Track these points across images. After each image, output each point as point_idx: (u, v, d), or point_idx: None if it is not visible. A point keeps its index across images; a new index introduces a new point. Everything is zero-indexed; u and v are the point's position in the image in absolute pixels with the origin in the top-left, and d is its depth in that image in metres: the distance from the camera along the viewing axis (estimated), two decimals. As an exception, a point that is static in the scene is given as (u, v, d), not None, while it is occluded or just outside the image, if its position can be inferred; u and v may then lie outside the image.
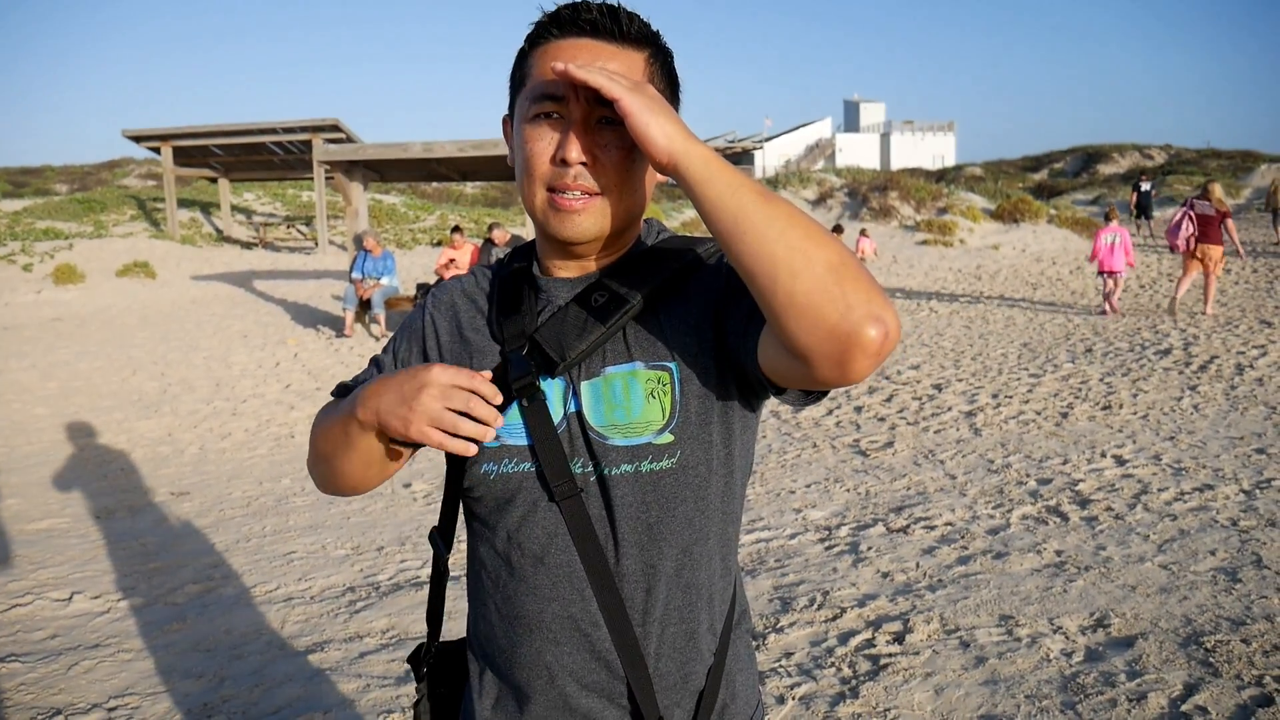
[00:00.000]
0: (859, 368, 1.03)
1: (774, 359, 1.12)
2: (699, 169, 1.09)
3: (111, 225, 23.17)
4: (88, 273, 17.62)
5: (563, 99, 1.21)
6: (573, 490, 1.24)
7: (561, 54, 1.21)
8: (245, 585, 4.95)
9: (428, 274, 17.22)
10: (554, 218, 1.24)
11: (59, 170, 45.21)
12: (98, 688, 3.79)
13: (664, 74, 1.29)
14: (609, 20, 1.23)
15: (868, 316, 1.00)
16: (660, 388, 1.25)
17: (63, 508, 6.44)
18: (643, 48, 1.26)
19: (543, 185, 1.24)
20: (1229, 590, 4.09)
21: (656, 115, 1.10)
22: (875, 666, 3.59)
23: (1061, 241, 21.83)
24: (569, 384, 1.27)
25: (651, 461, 1.24)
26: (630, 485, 1.24)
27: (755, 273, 1.04)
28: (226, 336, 12.72)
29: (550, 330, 1.27)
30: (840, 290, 1.01)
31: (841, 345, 1.01)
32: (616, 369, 1.26)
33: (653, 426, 1.24)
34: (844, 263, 1.03)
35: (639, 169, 1.26)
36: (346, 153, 13.98)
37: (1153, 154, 49.53)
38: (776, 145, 60.34)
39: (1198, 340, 10.54)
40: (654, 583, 1.25)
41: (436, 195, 37.36)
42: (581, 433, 1.25)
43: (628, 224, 1.30)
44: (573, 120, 1.21)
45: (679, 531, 1.26)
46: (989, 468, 6.38)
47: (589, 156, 1.21)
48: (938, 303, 15.13)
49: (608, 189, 1.23)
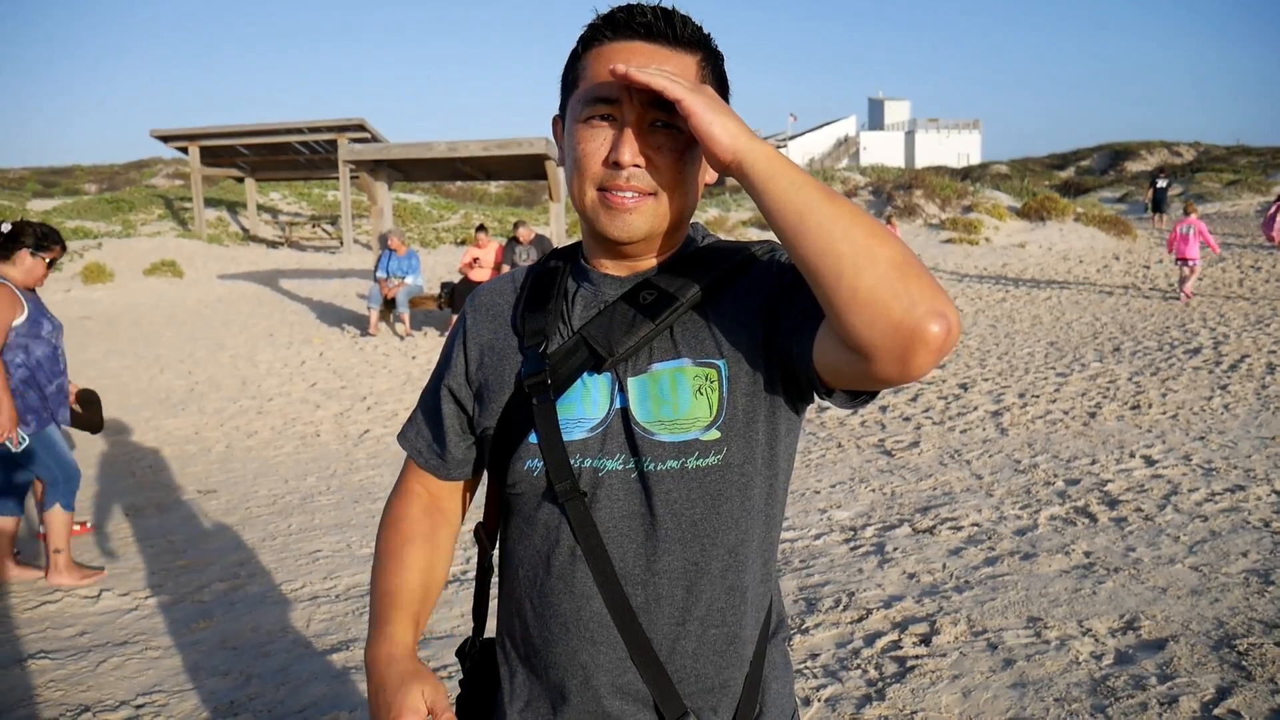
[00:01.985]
0: (920, 363, 1.03)
1: (832, 356, 1.12)
2: (764, 167, 1.10)
3: (139, 225, 23.41)
4: (116, 271, 17.81)
5: (616, 101, 1.21)
6: (574, 491, 1.24)
7: (615, 56, 1.22)
8: (271, 583, 4.97)
9: (452, 273, 17.26)
10: (605, 215, 1.25)
11: (88, 170, 45.70)
12: (125, 685, 3.82)
13: (715, 77, 1.29)
14: (663, 23, 1.24)
15: (931, 312, 1.00)
16: (708, 384, 1.25)
17: (92, 506, 6.50)
18: (695, 51, 1.27)
19: (594, 185, 1.24)
20: (1261, 593, 4.03)
21: (720, 115, 1.11)
22: (902, 668, 3.57)
23: (1089, 240, 21.62)
24: (615, 380, 1.27)
25: (698, 458, 1.24)
26: (675, 481, 1.24)
27: (820, 268, 1.05)
28: (252, 335, 12.81)
29: (598, 326, 1.28)
30: (904, 286, 1.01)
31: (905, 340, 1.01)
32: (664, 365, 1.26)
33: (700, 423, 1.24)
34: (907, 260, 1.03)
35: (691, 171, 1.26)
36: (371, 152, 14.04)
37: (1181, 151, 49.00)
38: (801, 143, 60.22)
39: (1228, 339, 10.41)
40: (697, 581, 1.25)
41: (461, 194, 37.50)
42: (625, 428, 1.26)
43: (678, 225, 1.30)
44: (627, 123, 1.21)
45: (724, 530, 1.26)
46: (1016, 468, 6.32)
47: (643, 159, 1.22)
48: (963, 301, 15.02)
49: (660, 190, 1.24)
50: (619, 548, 1.24)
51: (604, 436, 1.26)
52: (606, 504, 1.25)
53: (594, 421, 1.27)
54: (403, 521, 1.44)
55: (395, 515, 1.45)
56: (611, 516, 1.24)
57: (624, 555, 1.24)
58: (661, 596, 1.24)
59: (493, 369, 1.36)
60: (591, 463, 1.26)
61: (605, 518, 1.25)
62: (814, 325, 1.15)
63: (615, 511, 1.24)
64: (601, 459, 1.25)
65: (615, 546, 1.24)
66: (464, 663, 1.47)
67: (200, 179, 22.82)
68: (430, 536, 1.44)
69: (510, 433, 1.31)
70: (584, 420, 1.27)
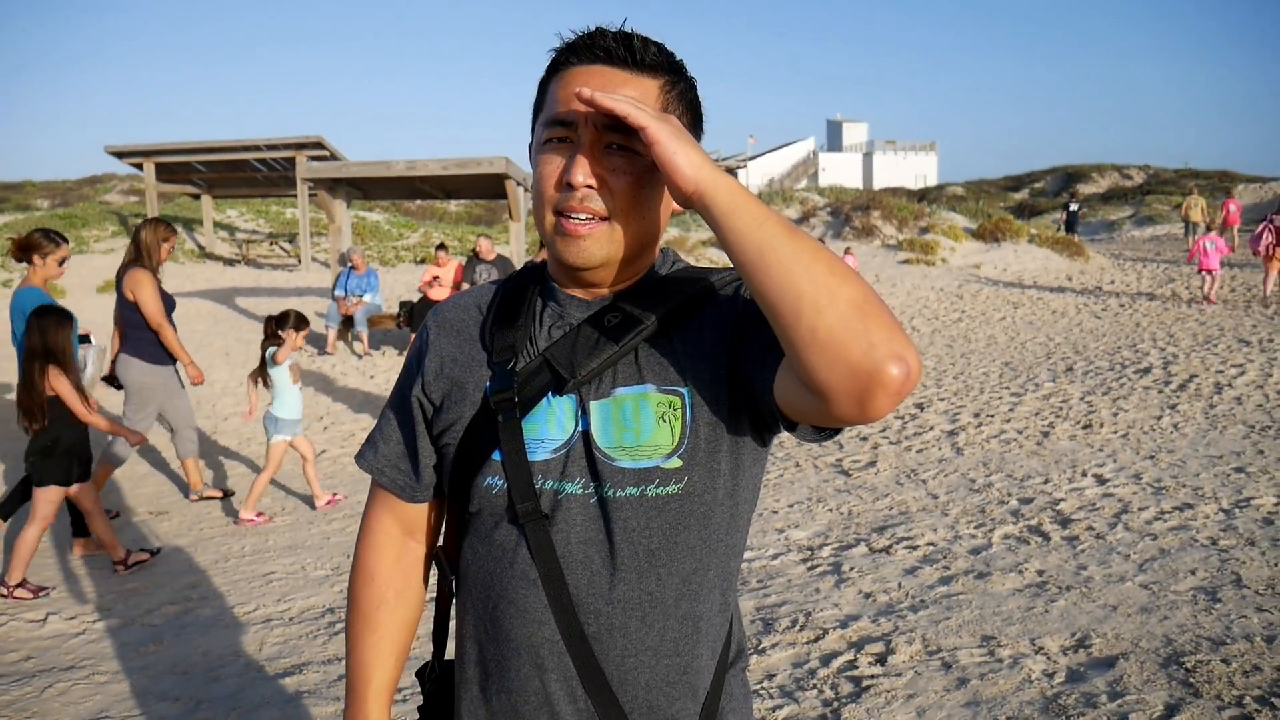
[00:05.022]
0: (879, 406, 1.02)
1: (791, 394, 1.11)
2: (725, 200, 1.09)
3: (93, 241, 23.04)
4: (68, 289, 17.50)
5: (573, 124, 1.22)
6: (536, 513, 1.24)
7: (577, 80, 1.22)
8: (224, 606, 4.90)
9: (411, 291, 17.16)
10: (560, 242, 1.25)
11: (40, 185, 44.90)
12: (72, 710, 3.74)
13: (682, 102, 1.29)
14: (623, 48, 1.24)
15: (890, 355, 0.99)
16: (671, 411, 1.24)
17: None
18: (658, 75, 1.27)
19: (551, 209, 1.24)
20: (1209, 610, 4.10)
21: (683, 145, 1.11)
22: (857, 688, 3.58)
23: (1042, 260, 21.96)
24: (579, 402, 1.26)
25: (658, 486, 1.23)
26: (634, 509, 1.22)
27: (779, 306, 1.04)
28: (208, 354, 12.64)
29: (561, 348, 1.27)
30: (864, 327, 1.00)
31: (863, 383, 1.00)
32: (627, 390, 1.25)
33: (661, 450, 1.23)
34: (867, 300, 1.03)
35: (649, 196, 1.26)
36: (330, 170, 13.95)
37: (1131, 174, 49.90)
38: (760, 164, 60.57)
39: (1177, 359, 10.61)
40: (650, 610, 1.24)
41: (420, 213, 37.31)
42: (586, 452, 1.24)
43: (639, 251, 1.30)
44: (581, 145, 1.21)
45: (681, 559, 1.24)
46: (971, 487, 6.39)
47: (597, 180, 1.21)
48: (920, 321, 15.19)
49: (616, 214, 1.23)
50: (574, 574, 1.23)
51: (566, 459, 1.25)
52: (564, 528, 1.24)
53: (557, 443, 1.26)
54: (374, 581, 1.43)
55: (367, 572, 1.44)
56: (568, 541, 1.23)
57: (579, 582, 1.23)
58: (615, 626, 1.23)
59: (455, 383, 1.34)
60: (552, 485, 1.25)
61: (562, 542, 1.23)
62: (775, 361, 1.14)
63: (573, 536, 1.23)
64: (562, 482, 1.24)
65: (571, 572, 1.23)
66: (424, 686, 1.47)
67: (156, 196, 22.51)
68: (402, 593, 1.44)
69: (474, 449, 1.30)
70: (548, 440, 1.26)
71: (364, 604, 1.43)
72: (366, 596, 1.43)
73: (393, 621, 1.42)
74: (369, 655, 1.41)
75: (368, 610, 1.42)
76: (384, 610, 1.42)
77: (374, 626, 1.41)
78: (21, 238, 5.94)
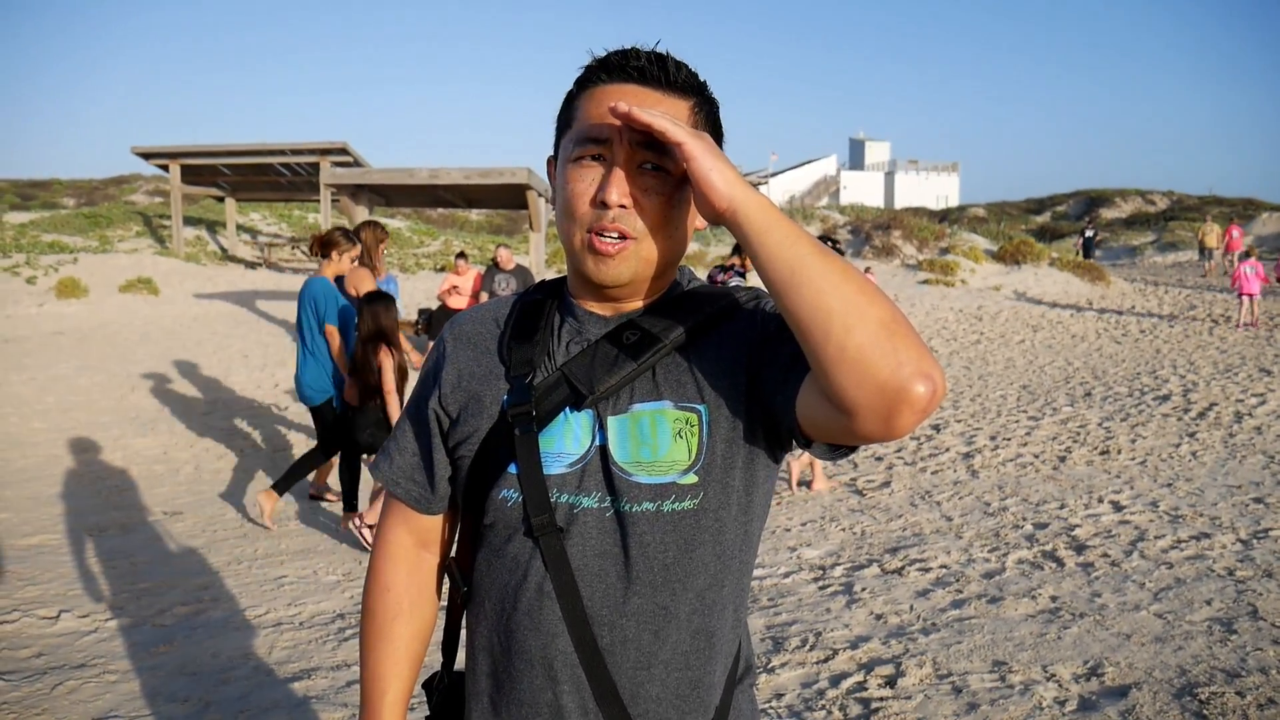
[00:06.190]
0: (904, 423, 1.04)
1: (815, 410, 1.12)
2: (758, 218, 1.11)
3: (117, 241, 23.24)
4: (91, 287, 17.64)
5: (606, 142, 1.22)
6: (550, 526, 1.24)
7: (610, 98, 1.22)
8: (235, 608, 4.91)
9: (430, 299, 17.22)
10: (591, 260, 1.25)
11: (67, 184, 45.37)
12: (81, 709, 3.76)
13: (708, 123, 1.30)
14: (656, 68, 1.25)
15: (917, 373, 1.01)
16: (688, 428, 1.25)
17: (54, 524, 6.41)
18: (688, 96, 1.28)
19: (582, 227, 1.24)
20: (1224, 641, 4.06)
21: (719, 162, 1.12)
22: (866, 710, 3.56)
23: (1063, 284, 21.85)
24: (597, 417, 1.27)
25: (674, 501, 1.23)
26: (650, 523, 1.23)
27: (809, 324, 1.06)
28: (227, 355, 12.71)
29: (580, 364, 1.28)
30: (892, 346, 1.02)
31: (890, 400, 1.02)
32: (644, 406, 1.26)
33: (678, 466, 1.24)
34: (895, 320, 1.04)
35: (678, 215, 1.27)
36: (353, 176, 14.04)
37: (1155, 199, 49.69)
38: (782, 181, 60.65)
39: (1196, 387, 10.53)
40: (664, 625, 1.24)
41: (441, 221, 37.50)
42: (603, 467, 1.25)
43: (664, 269, 1.31)
44: (616, 162, 1.22)
45: (695, 574, 1.25)
46: (985, 510, 6.35)
47: (630, 200, 1.22)
48: (938, 343, 15.13)
49: (646, 233, 1.24)
50: (589, 587, 1.23)
51: (582, 473, 1.25)
52: (579, 542, 1.24)
53: (574, 457, 1.26)
54: (389, 592, 1.43)
55: (383, 583, 1.44)
56: (584, 555, 1.24)
57: (593, 595, 1.23)
58: (628, 639, 1.23)
59: (472, 396, 1.34)
60: (568, 499, 1.25)
61: (577, 555, 1.24)
62: (798, 378, 1.15)
63: (588, 550, 1.24)
64: (579, 496, 1.25)
65: (586, 585, 1.23)
66: (431, 696, 1.47)
67: (180, 197, 22.70)
68: (417, 605, 1.44)
69: (489, 461, 1.31)
70: (564, 455, 1.27)
71: (379, 615, 1.43)
72: (382, 608, 1.43)
73: (407, 633, 1.42)
74: (384, 667, 1.41)
75: (383, 621, 1.42)
76: (399, 622, 1.42)
77: (389, 638, 1.42)
78: (324, 234, 6.48)
